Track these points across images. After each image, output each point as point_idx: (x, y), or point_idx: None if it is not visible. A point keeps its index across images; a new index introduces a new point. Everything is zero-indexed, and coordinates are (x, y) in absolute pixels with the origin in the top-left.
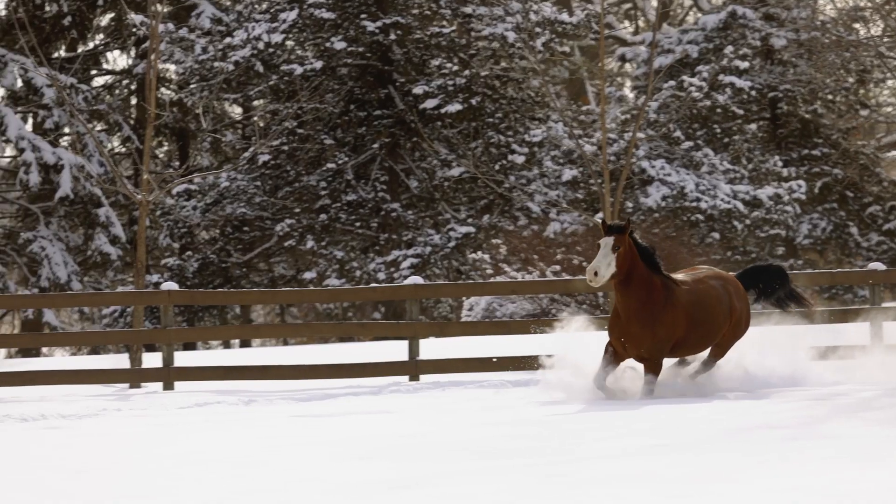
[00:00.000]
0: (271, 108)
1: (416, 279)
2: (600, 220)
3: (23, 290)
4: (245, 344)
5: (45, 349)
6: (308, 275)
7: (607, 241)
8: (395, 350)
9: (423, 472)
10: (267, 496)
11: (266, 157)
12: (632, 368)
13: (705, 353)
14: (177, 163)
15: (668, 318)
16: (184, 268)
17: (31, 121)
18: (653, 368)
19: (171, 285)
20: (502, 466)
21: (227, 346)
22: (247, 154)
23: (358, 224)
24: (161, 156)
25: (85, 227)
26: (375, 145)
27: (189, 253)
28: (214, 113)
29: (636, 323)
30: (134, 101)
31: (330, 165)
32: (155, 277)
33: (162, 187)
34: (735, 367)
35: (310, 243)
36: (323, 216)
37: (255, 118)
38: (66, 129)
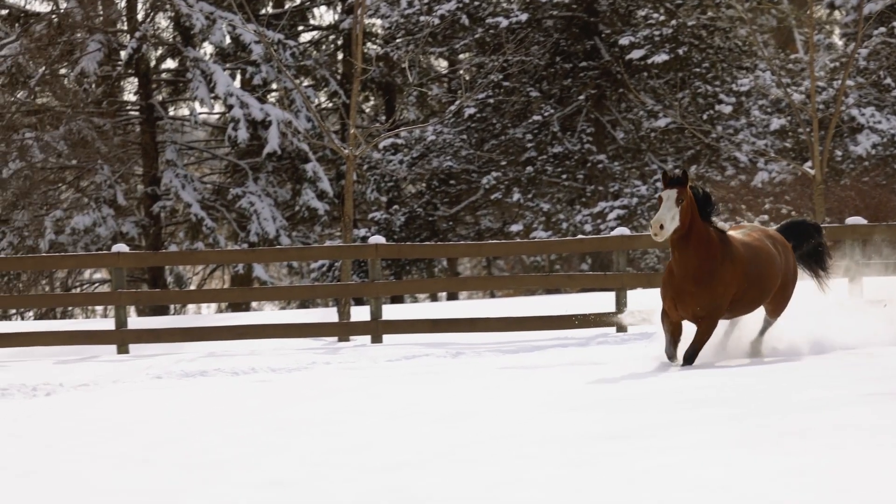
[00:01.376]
0: (477, 61)
1: (623, 230)
2: (661, 173)
3: (232, 245)
4: (452, 297)
5: (254, 303)
6: (514, 227)
7: (670, 194)
8: (603, 301)
9: (634, 423)
10: (479, 448)
11: (472, 111)
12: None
13: (754, 315)
14: (383, 117)
15: (726, 275)
16: (391, 221)
17: (239, 77)
18: (707, 329)
19: (378, 239)
20: (710, 417)
21: (434, 298)
22: (453, 107)
23: (564, 176)
24: (367, 110)
25: (293, 182)
26: (581, 97)
27: (396, 207)
28: (420, 67)
29: (692, 281)
30: (340, 56)
31: (536, 118)
32: (362, 231)
33: (369, 142)
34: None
35: (516, 196)
36: (529, 168)
37: (461, 71)
38: (274, 85)
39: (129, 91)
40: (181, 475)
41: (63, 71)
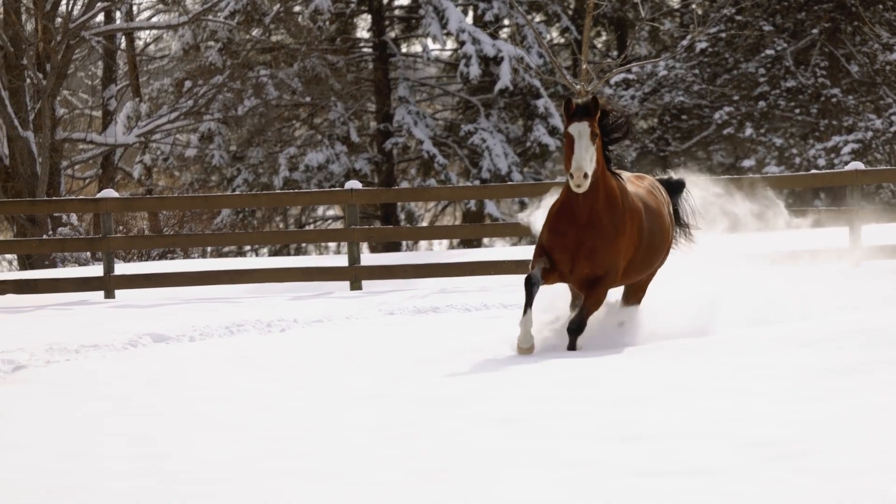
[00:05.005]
0: None
1: (857, 165)
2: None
3: (464, 181)
4: None
5: (486, 240)
6: (747, 162)
7: (582, 130)
8: (835, 236)
9: (860, 359)
10: (707, 384)
11: (704, 45)
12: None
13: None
14: (615, 52)
15: (627, 228)
16: (622, 157)
17: (471, 13)
18: (603, 291)
19: None
20: None
21: None
22: (684, 42)
23: (797, 110)
24: (599, 46)
25: (524, 118)
26: (815, 30)
27: (627, 142)
28: (652, 1)
29: (594, 233)
30: None
31: (769, 52)
32: None
33: (600, 77)
34: None
35: (748, 131)
36: (762, 103)
37: (694, 5)
38: (506, 21)
39: (363, 28)
40: (414, 410)
41: (297, 8)
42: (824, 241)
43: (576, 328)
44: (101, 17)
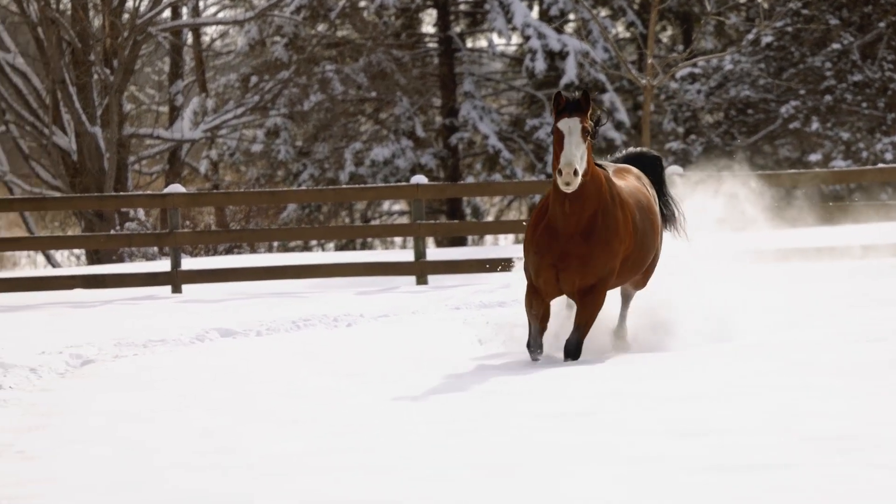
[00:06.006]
0: None
1: None
2: (554, 93)
3: (529, 176)
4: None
5: None
6: (813, 157)
7: (573, 126)
8: None
9: None
10: (780, 379)
11: (770, 39)
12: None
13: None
14: (680, 47)
15: (620, 227)
16: (688, 151)
17: (536, 8)
18: (597, 303)
19: (675, 169)
20: None
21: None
22: (750, 36)
23: (864, 104)
24: (665, 40)
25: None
26: (882, 24)
27: (693, 137)
28: None
29: (582, 239)
30: None
31: (835, 46)
32: None
33: (666, 72)
34: None
35: (815, 125)
36: (828, 97)
37: None
38: (571, 16)
39: (428, 23)
40: (478, 405)
41: (363, 3)
42: (891, 235)
43: (573, 351)
44: (167, 13)
